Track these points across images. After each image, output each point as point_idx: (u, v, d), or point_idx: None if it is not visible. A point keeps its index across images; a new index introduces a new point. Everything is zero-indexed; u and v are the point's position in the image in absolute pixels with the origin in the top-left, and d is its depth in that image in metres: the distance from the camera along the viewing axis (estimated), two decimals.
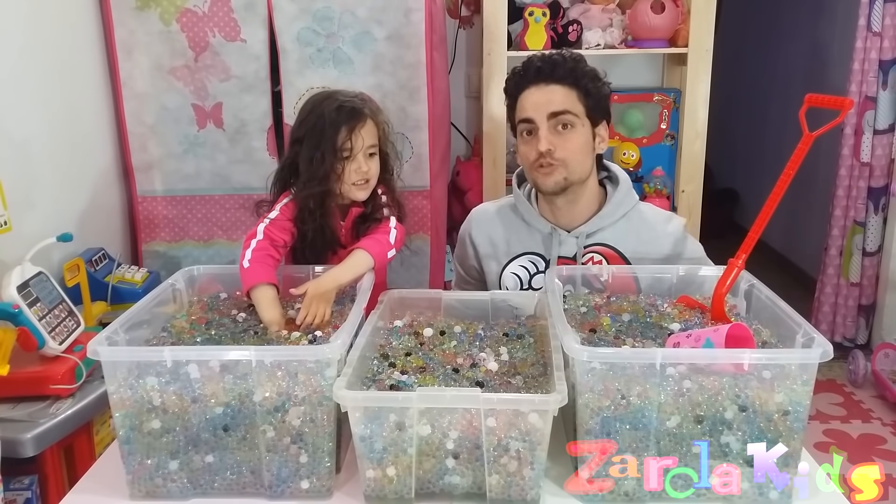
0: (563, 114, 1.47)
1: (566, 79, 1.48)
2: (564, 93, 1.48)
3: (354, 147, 1.43)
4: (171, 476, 1.08)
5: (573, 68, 1.48)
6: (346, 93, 1.50)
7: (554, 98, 1.47)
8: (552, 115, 1.47)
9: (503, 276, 1.62)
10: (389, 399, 1.04)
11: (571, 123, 1.48)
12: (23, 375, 1.49)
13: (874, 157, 3.00)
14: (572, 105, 1.48)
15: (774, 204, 1.20)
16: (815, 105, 1.19)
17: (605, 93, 1.53)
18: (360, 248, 1.39)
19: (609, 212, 1.55)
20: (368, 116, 1.46)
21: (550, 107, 1.47)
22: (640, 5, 2.58)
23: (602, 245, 1.55)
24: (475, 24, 2.94)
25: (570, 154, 1.48)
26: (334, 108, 1.44)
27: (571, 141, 1.48)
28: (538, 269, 1.59)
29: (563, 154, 1.48)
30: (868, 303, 3.17)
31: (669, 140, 2.81)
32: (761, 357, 1.01)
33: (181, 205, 2.42)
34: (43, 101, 2.01)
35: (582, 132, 1.49)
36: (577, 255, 1.55)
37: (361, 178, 1.46)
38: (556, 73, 1.48)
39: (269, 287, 1.33)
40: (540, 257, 1.59)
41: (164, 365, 1.04)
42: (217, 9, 2.26)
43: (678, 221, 1.60)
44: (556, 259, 1.56)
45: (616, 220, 1.56)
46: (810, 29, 3.90)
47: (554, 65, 1.48)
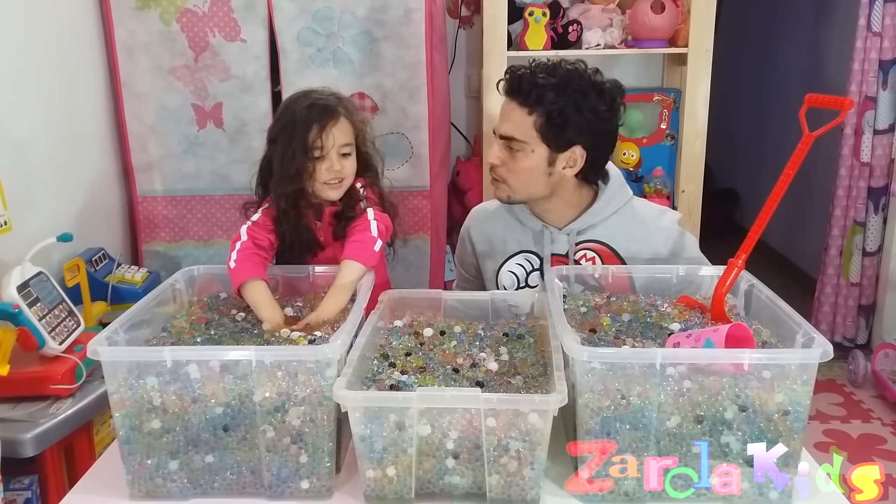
0: (510, 139, 1.45)
1: (527, 100, 1.42)
2: (519, 116, 1.43)
3: (325, 146, 1.42)
4: (171, 476, 1.08)
5: (541, 92, 1.39)
6: (321, 91, 1.48)
7: (509, 118, 1.45)
8: (503, 137, 1.46)
9: (500, 275, 1.61)
10: (389, 399, 1.04)
11: (519, 149, 1.44)
12: (23, 375, 1.49)
13: (874, 157, 3.00)
14: (523, 132, 1.43)
15: (774, 204, 1.20)
16: (815, 105, 1.19)
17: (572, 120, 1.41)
18: (345, 259, 1.36)
19: (599, 208, 1.53)
20: (342, 115, 1.44)
21: (503, 127, 1.46)
22: (640, 5, 2.58)
23: (595, 242, 1.54)
24: (475, 24, 2.94)
25: (515, 176, 1.47)
26: (305, 106, 1.43)
27: (517, 164, 1.46)
28: (534, 267, 1.58)
29: (506, 174, 1.47)
30: (868, 303, 3.17)
31: (669, 140, 2.81)
32: (761, 357, 1.01)
33: (181, 205, 2.42)
34: (42, 101, 2.01)
35: (531, 157, 1.44)
36: (570, 252, 1.55)
37: (334, 178, 1.44)
38: (517, 91, 1.43)
39: (258, 282, 1.33)
40: (535, 255, 1.58)
41: (164, 365, 1.04)
42: (217, 9, 2.26)
43: (672, 216, 1.57)
44: (549, 257, 1.56)
45: (608, 216, 1.54)
46: (810, 29, 3.90)
47: (518, 81, 1.43)
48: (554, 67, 1.44)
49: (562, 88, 1.40)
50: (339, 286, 1.31)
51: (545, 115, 1.41)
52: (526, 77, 1.42)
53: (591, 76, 1.44)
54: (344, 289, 1.31)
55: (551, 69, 1.43)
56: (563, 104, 1.40)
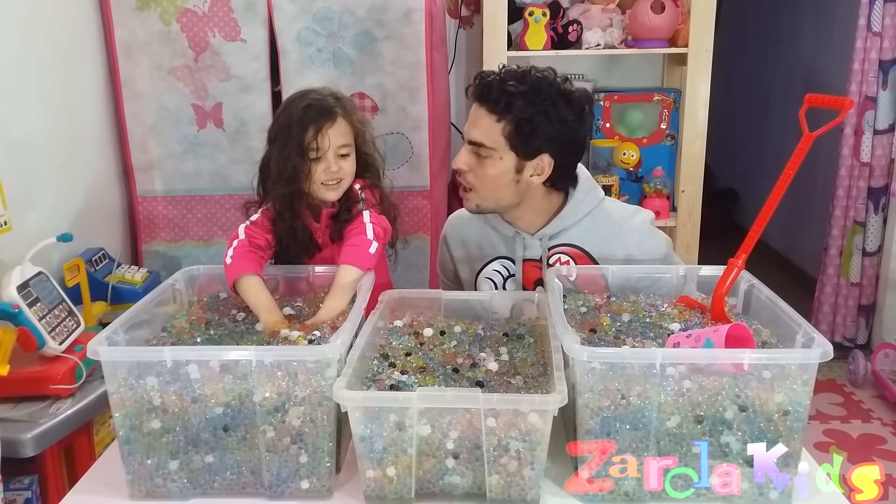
0: (479, 146, 1.42)
1: (496, 106, 1.39)
2: (488, 123, 1.40)
3: (321, 147, 1.41)
4: (171, 476, 1.08)
5: (510, 100, 1.37)
6: (320, 91, 1.47)
7: (477, 124, 1.42)
8: (471, 142, 1.44)
9: (479, 281, 1.60)
10: (389, 399, 1.04)
11: (487, 155, 1.42)
12: (23, 375, 1.49)
13: (874, 157, 3.00)
14: (492, 139, 1.40)
15: (774, 204, 1.20)
16: (815, 105, 1.19)
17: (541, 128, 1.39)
18: (342, 264, 1.35)
19: (570, 211, 1.51)
20: (339, 115, 1.43)
21: (471, 132, 1.43)
22: (640, 5, 2.58)
23: (567, 245, 1.53)
24: (475, 24, 2.94)
25: (482, 183, 1.45)
26: (302, 106, 1.42)
27: (484, 170, 1.44)
28: (510, 273, 1.57)
29: (473, 180, 1.45)
30: (868, 303, 3.17)
31: (669, 140, 2.81)
32: (761, 357, 1.01)
33: (181, 205, 2.42)
34: (43, 102, 2.01)
35: (499, 164, 1.42)
36: (543, 257, 1.54)
37: (331, 179, 1.43)
38: (487, 97, 1.40)
39: (253, 277, 1.33)
40: (510, 261, 1.57)
41: (164, 365, 1.04)
42: (217, 9, 2.26)
43: (644, 216, 1.56)
44: (522, 262, 1.55)
45: (580, 218, 1.52)
46: (810, 29, 3.90)
47: (488, 88, 1.40)
48: (523, 74, 1.41)
49: (531, 97, 1.39)
50: (336, 290, 1.31)
51: (514, 122, 1.39)
52: (495, 84, 1.40)
53: (560, 84, 1.42)
54: (341, 293, 1.31)
55: (521, 76, 1.41)
56: (533, 112, 1.39)
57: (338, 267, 1.35)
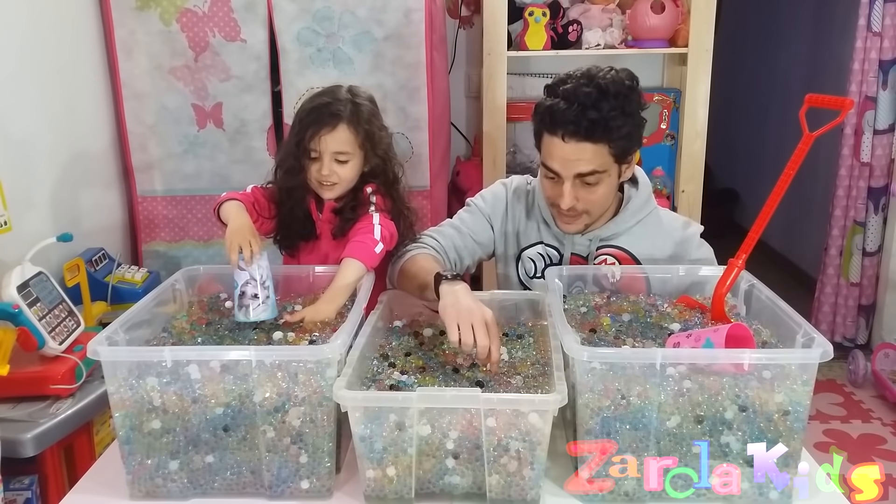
0: (591, 174, 1.40)
1: (601, 139, 1.36)
2: (594, 151, 1.37)
3: (317, 150, 1.44)
4: (171, 476, 1.08)
5: (607, 125, 1.35)
6: (337, 94, 1.48)
7: (583, 157, 1.37)
8: (579, 175, 1.40)
9: (522, 257, 1.58)
10: (389, 399, 1.04)
11: (598, 180, 1.41)
12: (23, 375, 1.49)
13: (874, 157, 3.00)
14: (601, 163, 1.38)
15: (774, 204, 1.20)
16: (815, 105, 1.19)
17: (634, 131, 1.41)
18: (346, 256, 1.36)
19: (626, 217, 1.52)
20: (343, 123, 1.44)
21: (578, 167, 1.39)
22: (640, 5, 2.58)
23: (615, 247, 1.53)
24: (475, 24, 2.94)
25: (595, 206, 1.46)
26: (309, 107, 1.46)
27: (597, 193, 1.43)
28: (552, 262, 1.57)
29: (586, 206, 1.45)
30: (868, 303, 3.17)
31: (669, 140, 2.81)
32: (761, 357, 1.01)
33: (181, 205, 2.42)
34: (43, 101, 2.01)
35: (608, 181, 1.43)
36: (590, 256, 1.54)
37: (325, 180, 1.46)
38: (591, 134, 1.35)
39: (238, 202, 1.41)
40: (555, 250, 1.56)
41: (165, 365, 1.04)
42: (217, 9, 2.26)
43: (695, 229, 1.57)
44: (570, 256, 1.55)
45: (632, 225, 1.53)
46: (810, 29, 3.90)
47: (592, 125, 1.34)
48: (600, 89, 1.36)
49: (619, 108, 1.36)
50: (338, 286, 1.31)
51: (619, 140, 1.38)
52: (594, 119, 1.35)
53: (624, 80, 1.41)
54: (342, 289, 1.31)
55: (599, 93, 1.35)
56: (631, 126, 1.39)
57: (341, 261, 1.36)
